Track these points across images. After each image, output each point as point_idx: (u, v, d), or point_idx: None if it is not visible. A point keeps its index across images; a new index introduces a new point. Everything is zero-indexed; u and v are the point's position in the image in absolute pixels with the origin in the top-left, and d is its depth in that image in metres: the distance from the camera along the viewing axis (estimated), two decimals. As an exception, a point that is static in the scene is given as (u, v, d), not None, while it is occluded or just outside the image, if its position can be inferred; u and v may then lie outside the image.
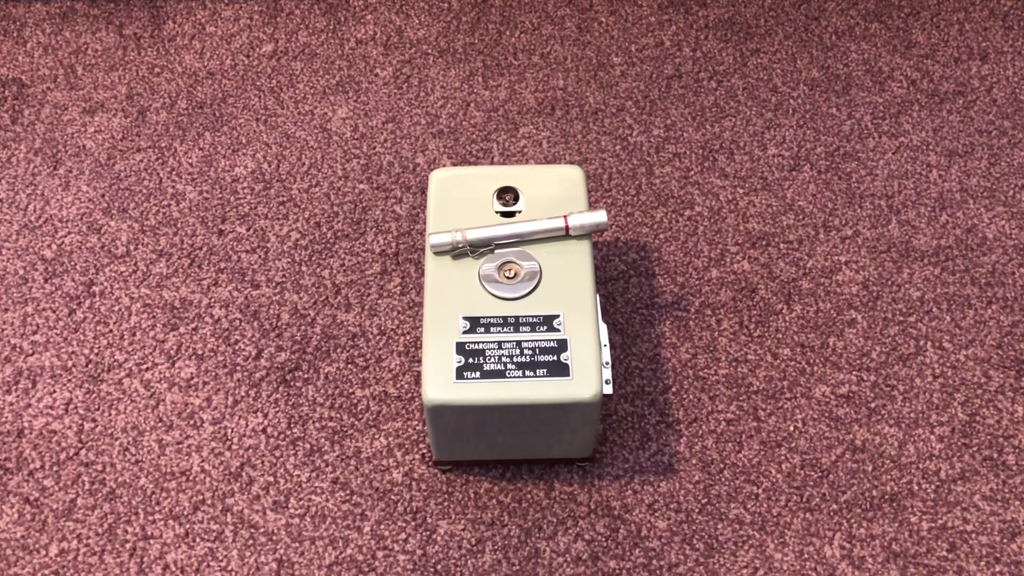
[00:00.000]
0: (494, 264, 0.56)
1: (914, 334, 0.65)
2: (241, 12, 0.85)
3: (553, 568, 0.56)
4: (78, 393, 0.62)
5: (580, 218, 0.57)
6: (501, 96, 0.79)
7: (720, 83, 0.80)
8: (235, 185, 0.73)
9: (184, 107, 0.78)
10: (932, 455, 0.60)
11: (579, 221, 0.57)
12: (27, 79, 0.80)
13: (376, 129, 0.76)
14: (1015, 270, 0.68)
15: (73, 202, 0.72)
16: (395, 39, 0.83)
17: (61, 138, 0.76)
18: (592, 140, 0.76)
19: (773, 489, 0.59)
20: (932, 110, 0.78)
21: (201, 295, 0.67)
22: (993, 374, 0.63)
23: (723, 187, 0.73)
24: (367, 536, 0.57)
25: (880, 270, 0.68)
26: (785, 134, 0.76)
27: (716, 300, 0.67)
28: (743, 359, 0.64)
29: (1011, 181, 0.73)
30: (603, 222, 0.57)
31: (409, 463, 0.60)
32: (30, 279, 0.68)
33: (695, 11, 0.85)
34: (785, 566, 0.56)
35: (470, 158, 0.75)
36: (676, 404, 0.62)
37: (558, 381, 0.52)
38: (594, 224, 0.57)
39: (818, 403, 0.62)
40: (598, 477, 0.59)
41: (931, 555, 0.56)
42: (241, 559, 0.56)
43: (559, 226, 0.57)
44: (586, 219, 0.57)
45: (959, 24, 0.84)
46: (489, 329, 0.54)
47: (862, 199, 0.72)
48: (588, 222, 0.57)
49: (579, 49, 0.82)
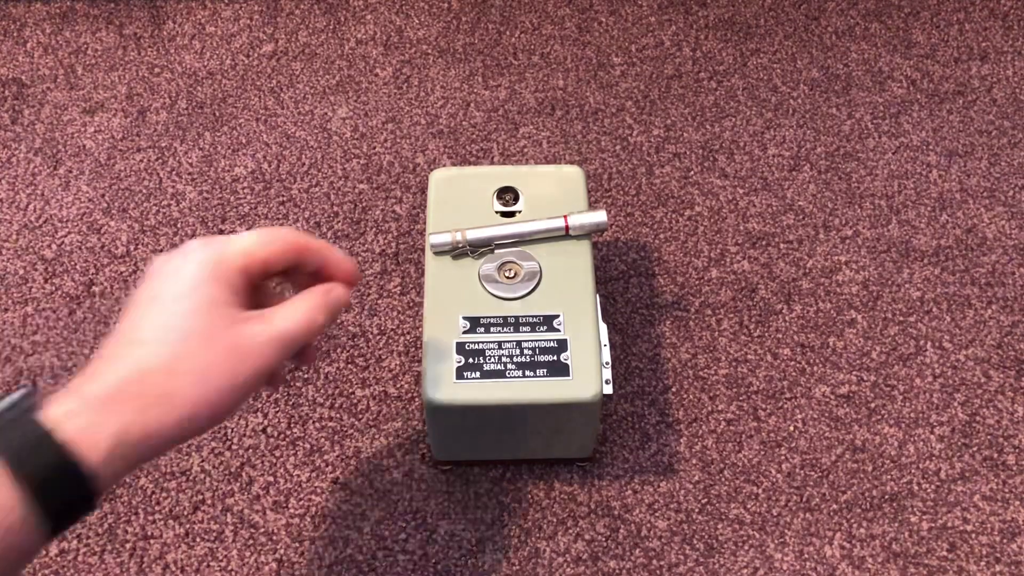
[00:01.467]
0: (494, 264, 0.56)
1: (914, 334, 0.65)
2: (241, 12, 0.85)
3: (553, 568, 0.56)
4: (78, 393, 0.62)
5: (580, 218, 0.57)
6: (501, 96, 0.79)
7: (720, 83, 0.80)
8: (235, 185, 0.73)
9: (184, 107, 0.78)
10: (932, 455, 0.60)
11: (579, 221, 0.57)
12: (27, 79, 0.80)
13: (376, 129, 0.76)
14: (1015, 270, 0.68)
15: (73, 202, 0.72)
16: (395, 39, 0.83)
17: (61, 138, 0.76)
18: (592, 140, 0.76)
19: (773, 489, 0.59)
20: (932, 110, 0.78)
21: (201, 295, 0.67)
22: (993, 374, 0.63)
23: (723, 187, 0.73)
24: (367, 536, 0.57)
25: (880, 270, 0.68)
26: (785, 134, 0.76)
27: (716, 300, 0.67)
28: (743, 359, 0.64)
29: (1011, 181, 0.73)
30: (603, 222, 0.57)
31: (409, 463, 0.60)
32: (30, 279, 0.68)
33: (695, 11, 0.85)
34: (785, 566, 0.56)
35: (470, 158, 0.75)
36: (676, 404, 0.62)
37: (558, 381, 0.52)
38: (594, 224, 0.57)
39: (818, 403, 0.62)
40: (598, 477, 0.59)
41: (931, 555, 0.56)
42: (241, 559, 0.56)
43: (559, 226, 0.57)
44: (586, 219, 0.57)
45: (959, 24, 0.84)
46: (489, 329, 0.54)
47: (862, 199, 0.72)
48: (588, 222, 0.57)
49: (579, 49, 0.82)
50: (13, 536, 0.34)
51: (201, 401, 0.38)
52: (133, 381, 0.37)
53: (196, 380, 0.38)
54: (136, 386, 0.37)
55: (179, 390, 0.38)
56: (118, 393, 0.37)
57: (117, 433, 0.36)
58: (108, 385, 0.37)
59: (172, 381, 0.38)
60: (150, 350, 0.38)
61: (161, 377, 0.38)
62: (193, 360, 0.38)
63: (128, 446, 0.36)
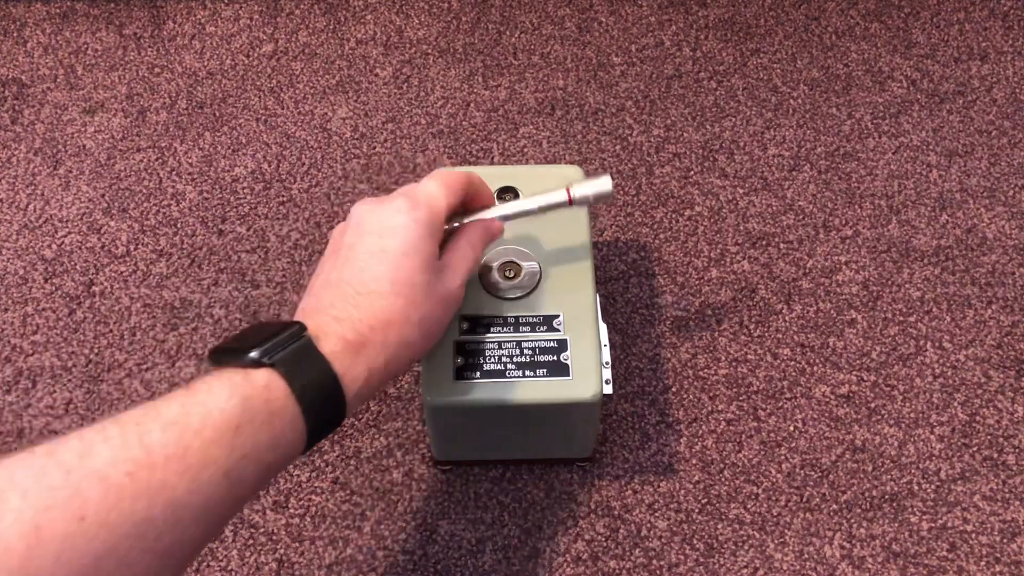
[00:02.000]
0: (494, 264, 0.56)
1: (914, 334, 0.65)
2: (241, 12, 0.85)
3: (553, 568, 0.56)
4: (78, 393, 0.62)
5: (584, 188, 0.52)
6: (501, 96, 0.79)
7: (720, 83, 0.80)
8: (235, 185, 0.73)
9: (184, 107, 0.78)
10: (932, 455, 0.60)
11: (583, 192, 0.52)
12: (27, 79, 0.80)
13: (376, 129, 0.76)
14: (1015, 270, 0.68)
15: (73, 202, 0.72)
16: (395, 39, 0.83)
17: (61, 138, 0.76)
18: (592, 140, 0.76)
19: (773, 489, 0.59)
20: (932, 110, 0.78)
21: (201, 295, 0.67)
22: (993, 374, 0.63)
23: (723, 187, 0.73)
24: (367, 536, 0.57)
25: (880, 270, 0.68)
26: (785, 134, 0.76)
27: (716, 300, 0.67)
28: (743, 359, 0.64)
29: (1011, 181, 0.73)
30: (608, 190, 0.52)
31: (409, 463, 0.60)
32: (30, 279, 0.68)
33: (695, 11, 0.85)
34: (785, 566, 0.56)
35: (470, 158, 0.75)
36: (676, 404, 0.62)
37: (558, 381, 0.52)
38: (599, 192, 0.52)
39: (818, 403, 0.62)
40: (598, 477, 0.59)
41: (931, 555, 0.56)
42: (241, 559, 0.56)
43: (561, 199, 0.52)
44: (590, 189, 0.52)
45: (959, 24, 0.84)
46: (489, 329, 0.54)
47: (862, 199, 0.72)
48: (592, 192, 0.52)
49: (579, 49, 0.82)
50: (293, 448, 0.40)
51: (426, 345, 0.46)
52: (378, 329, 0.43)
53: (425, 329, 0.45)
54: (381, 334, 0.43)
55: (413, 338, 0.45)
56: (368, 339, 0.43)
57: (367, 374, 0.42)
58: (358, 332, 0.42)
59: (408, 330, 0.44)
60: (389, 302, 0.44)
61: (399, 328, 0.44)
62: (421, 311, 0.45)
63: (372, 385, 0.43)
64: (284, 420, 0.39)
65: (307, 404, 0.40)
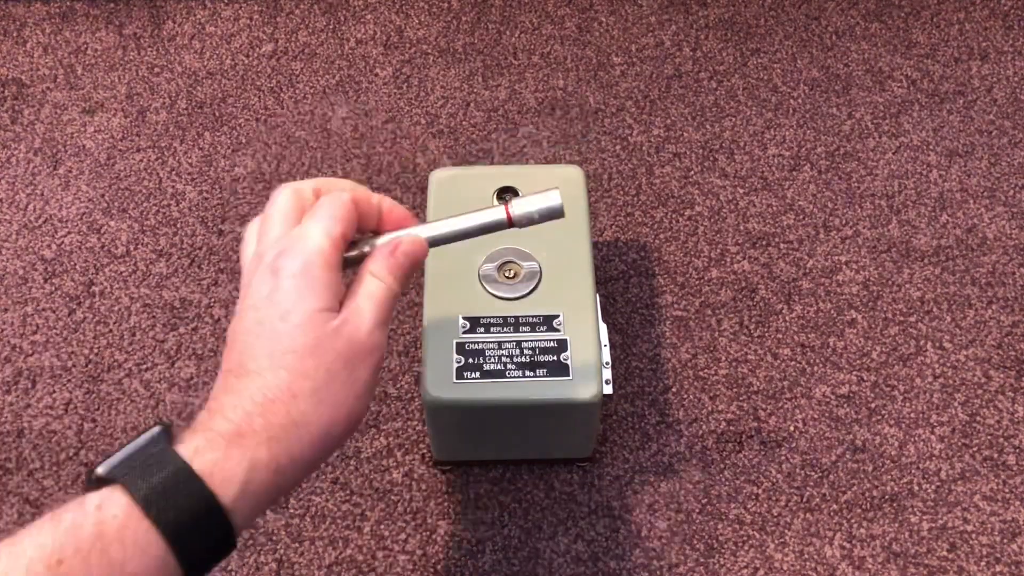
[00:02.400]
0: (494, 264, 0.56)
1: (914, 334, 0.65)
2: (241, 12, 0.85)
3: (553, 568, 0.56)
4: (78, 393, 0.62)
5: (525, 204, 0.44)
6: (501, 96, 0.79)
7: (720, 83, 0.80)
8: (235, 185, 0.73)
9: (184, 107, 0.78)
10: (932, 455, 0.60)
11: (524, 209, 0.43)
12: (27, 79, 0.80)
13: (376, 129, 0.76)
14: (1015, 270, 0.68)
15: (73, 202, 0.72)
16: (395, 39, 0.83)
17: (61, 138, 0.76)
18: (592, 140, 0.76)
19: (773, 489, 0.59)
20: (932, 110, 0.78)
21: (201, 295, 0.67)
22: (993, 374, 0.63)
23: (723, 187, 0.73)
24: (367, 536, 0.57)
25: (880, 270, 0.68)
26: (785, 134, 0.76)
27: (716, 300, 0.67)
28: (743, 359, 0.64)
29: (1011, 181, 0.73)
30: (556, 206, 0.43)
31: (409, 463, 0.60)
32: (30, 279, 0.68)
33: (695, 11, 0.85)
34: (785, 566, 0.56)
35: (470, 158, 0.75)
36: (676, 404, 0.62)
37: (558, 381, 0.52)
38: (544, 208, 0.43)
39: (818, 403, 0.62)
40: (598, 477, 0.59)
41: (931, 555, 0.56)
42: (241, 559, 0.56)
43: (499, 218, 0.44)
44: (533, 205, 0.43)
45: (959, 24, 0.84)
46: (489, 329, 0.54)
47: (862, 199, 0.72)
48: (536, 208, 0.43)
49: (579, 49, 0.82)
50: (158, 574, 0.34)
51: (328, 418, 0.38)
52: (256, 414, 0.36)
53: (319, 399, 0.38)
54: (260, 419, 0.36)
55: (304, 414, 0.37)
56: (244, 428, 0.36)
57: (247, 468, 0.35)
58: (233, 421, 0.36)
59: (299, 406, 0.37)
60: (267, 379, 0.37)
61: (285, 405, 0.37)
62: (314, 379, 0.38)
63: (259, 482, 0.36)
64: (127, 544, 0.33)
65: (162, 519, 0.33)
